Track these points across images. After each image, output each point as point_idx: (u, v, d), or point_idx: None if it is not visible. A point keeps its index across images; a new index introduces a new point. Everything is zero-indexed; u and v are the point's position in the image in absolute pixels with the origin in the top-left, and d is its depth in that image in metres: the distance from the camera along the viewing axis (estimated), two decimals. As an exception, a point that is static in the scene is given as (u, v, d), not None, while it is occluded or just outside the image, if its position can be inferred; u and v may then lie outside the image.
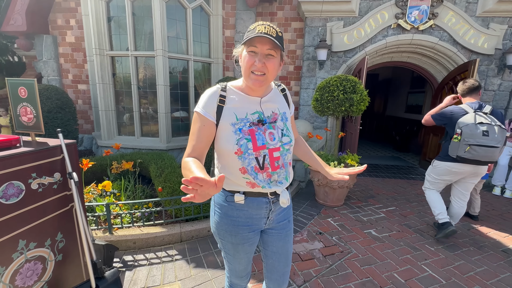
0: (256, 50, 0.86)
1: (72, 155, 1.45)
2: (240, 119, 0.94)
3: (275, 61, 0.89)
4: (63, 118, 3.86)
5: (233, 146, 0.91)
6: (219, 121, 0.93)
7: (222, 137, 0.94)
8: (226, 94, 0.95)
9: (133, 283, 1.89)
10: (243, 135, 0.92)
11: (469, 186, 2.45)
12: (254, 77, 0.89)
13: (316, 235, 2.61)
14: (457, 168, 2.33)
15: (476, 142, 2.10)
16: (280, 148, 0.97)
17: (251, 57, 0.87)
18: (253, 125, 0.94)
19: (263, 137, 0.94)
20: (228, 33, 4.60)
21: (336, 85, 3.21)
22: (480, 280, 2.00)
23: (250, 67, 0.88)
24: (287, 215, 1.13)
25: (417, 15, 4.28)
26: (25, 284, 1.28)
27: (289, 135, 1.01)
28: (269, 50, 0.86)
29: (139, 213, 2.44)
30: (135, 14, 3.84)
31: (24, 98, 1.40)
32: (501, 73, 4.46)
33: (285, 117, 1.03)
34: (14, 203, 1.21)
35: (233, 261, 1.11)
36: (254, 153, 0.93)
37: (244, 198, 0.98)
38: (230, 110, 0.94)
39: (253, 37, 0.84)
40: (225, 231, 1.03)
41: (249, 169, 0.94)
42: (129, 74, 3.99)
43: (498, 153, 2.10)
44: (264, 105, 0.99)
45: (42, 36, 4.57)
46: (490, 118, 2.14)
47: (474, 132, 2.10)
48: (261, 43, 0.85)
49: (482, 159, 2.13)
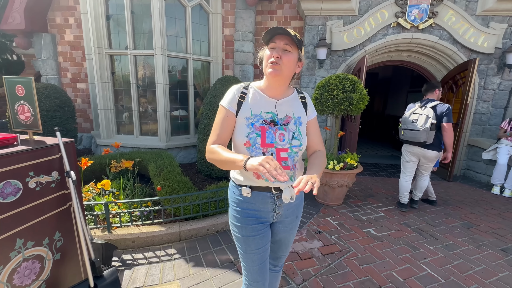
0: (275, 46, 0.98)
1: (70, 154, 1.45)
2: (254, 115, 1.04)
3: (290, 56, 0.99)
4: (62, 117, 3.85)
5: (243, 138, 1.01)
6: (238, 115, 1.05)
7: (237, 128, 1.05)
8: (247, 92, 1.07)
9: (132, 282, 1.89)
10: (254, 129, 1.02)
11: (426, 167, 3.11)
12: (271, 67, 0.99)
13: (315, 234, 2.61)
14: (405, 148, 3.15)
15: (406, 127, 2.98)
16: (288, 150, 1.04)
17: (271, 52, 1.00)
18: (265, 123, 1.03)
19: (273, 136, 1.02)
20: (228, 31, 4.58)
21: (336, 84, 3.20)
22: (479, 279, 2.00)
23: (268, 59, 1.00)
24: (296, 211, 1.19)
25: (417, 14, 4.27)
26: (23, 283, 1.28)
27: (300, 139, 1.07)
28: (285, 45, 0.97)
29: (138, 212, 2.43)
30: (134, 13, 3.82)
31: (21, 97, 1.39)
32: (500, 72, 4.45)
33: (299, 122, 1.08)
34: (11, 201, 1.20)
35: (246, 258, 1.13)
36: (261, 148, 1.01)
37: (250, 191, 1.06)
38: (247, 105, 1.05)
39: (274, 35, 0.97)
40: (236, 222, 1.12)
41: None
42: (128, 72, 3.98)
43: (422, 135, 2.82)
44: (279, 107, 1.07)
45: (40, 34, 4.55)
46: (427, 111, 2.85)
47: (407, 120, 3.00)
48: (279, 39, 0.98)
49: (410, 139, 2.95)
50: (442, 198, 3.68)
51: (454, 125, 4.40)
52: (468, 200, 3.66)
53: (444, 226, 2.85)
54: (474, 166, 4.70)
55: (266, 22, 4.79)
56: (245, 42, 4.55)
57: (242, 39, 4.54)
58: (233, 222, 1.13)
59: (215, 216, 2.68)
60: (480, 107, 4.65)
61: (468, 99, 4.13)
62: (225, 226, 2.64)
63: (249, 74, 4.67)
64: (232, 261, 2.14)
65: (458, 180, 4.58)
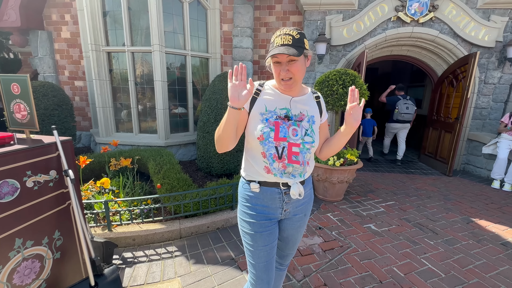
0: (279, 60, 1.00)
1: (68, 152, 1.43)
2: (269, 111, 1.06)
3: (298, 64, 1.00)
4: (60, 115, 3.82)
5: (257, 131, 1.04)
6: (251, 110, 1.08)
7: (251, 122, 1.08)
8: (261, 89, 1.11)
9: (133, 280, 1.89)
10: (268, 124, 1.04)
11: (402, 135, 5.10)
12: (284, 83, 1.03)
13: (315, 230, 2.61)
14: (393, 125, 5.08)
15: (403, 111, 4.78)
16: (300, 145, 1.06)
17: (277, 67, 1.01)
18: (279, 119, 1.06)
19: (286, 130, 1.05)
20: (226, 27, 4.54)
21: (335, 79, 3.18)
22: (479, 273, 2.01)
23: (278, 76, 1.03)
24: (305, 209, 1.20)
25: (417, 8, 4.22)
26: (23, 282, 1.28)
27: (313, 136, 1.09)
28: (289, 57, 0.98)
29: (138, 210, 2.43)
30: (131, 9, 3.77)
31: (17, 95, 1.37)
32: (501, 66, 4.42)
33: (313, 120, 1.11)
34: (9, 201, 1.19)
35: (253, 255, 1.13)
36: (274, 142, 1.04)
37: (259, 186, 1.09)
38: (262, 101, 1.08)
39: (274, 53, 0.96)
40: (245, 218, 1.14)
41: (268, 154, 1.05)
42: (126, 70, 3.94)
43: (411, 117, 4.84)
44: (294, 104, 1.09)
45: (37, 32, 4.50)
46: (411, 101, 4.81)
47: (403, 107, 4.78)
48: (281, 56, 0.98)
49: (404, 119, 4.85)
50: (442, 193, 3.68)
51: (455, 119, 4.40)
52: (468, 194, 3.66)
53: (444, 221, 2.86)
54: (474, 160, 4.70)
55: (264, 17, 4.74)
56: (244, 38, 4.50)
57: (241, 35, 4.50)
58: (242, 218, 1.15)
59: (215, 213, 2.68)
60: (480, 101, 4.63)
61: (468, 93, 4.11)
62: (226, 223, 2.64)
63: (248, 70, 4.63)
64: (233, 258, 2.15)
65: (458, 175, 4.58)
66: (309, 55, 1.05)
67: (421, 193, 3.66)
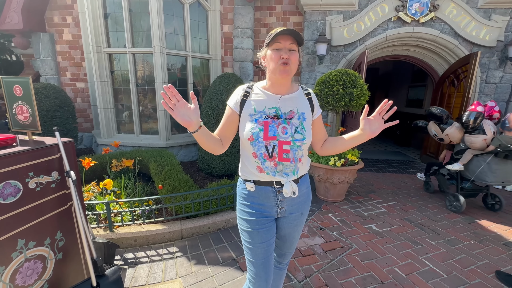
0: (280, 46, 1.01)
1: (69, 154, 1.44)
2: (258, 111, 1.08)
3: (296, 55, 1.03)
4: (62, 117, 3.84)
5: (247, 133, 1.06)
6: (242, 112, 1.10)
7: (241, 124, 1.11)
8: (250, 91, 1.12)
9: (135, 280, 1.90)
10: (257, 125, 1.06)
11: None
12: (283, 68, 1.01)
13: (317, 231, 2.61)
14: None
15: None
16: (290, 143, 1.06)
17: (277, 53, 1.01)
18: (269, 118, 1.06)
19: (276, 129, 1.05)
20: (227, 28, 4.55)
21: (336, 79, 3.18)
22: (481, 274, 2.00)
23: (278, 60, 1.01)
24: (301, 208, 1.20)
25: (417, 7, 4.22)
26: (25, 283, 1.28)
27: (303, 133, 1.08)
28: (291, 44, 1.00)
29: (140, 211, 2.44)
30: (132, 11, 3.79)
31: (19, 97, 1.38)
32: (503, 66, 4.40)
33: (303, 117, 1.10)
34: (11, 202, 1.20)
35: (251, 252, 1.15)
36: (264, 142, 1.05)
37: (254, 185, 1.11)
38: (251, 103, 1.10)
39: (277, 35, 0.99)
40: (242, 216, 1.17)
41: (258, 154, 1.06)
42: (127, 71, 3.96)
43: None
44: (283, 102, 1.10)
45: (38, 34, 4.52)
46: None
47: None
48: (283, 39, 1.00)
49: None
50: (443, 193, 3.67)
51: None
52: (470, 194, 3.64)
53: (446, 221, 2.85)
54: (476, 160, 4.67)
55: (265, 18, 4.75)
56: (244, 39, 4.51)
57: (241, 36, 4.51)
58: (240, 216, 1.18)
59: (216, 214, 2.68)
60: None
61: (469, 93, 4.10)
62: (227, 223, 2.65)
63: (248, 71, 4.64)
64: (234, 259, 2.15)
65: (460, 175, 4.56)
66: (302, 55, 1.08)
67: (423, 193, 3.65)
